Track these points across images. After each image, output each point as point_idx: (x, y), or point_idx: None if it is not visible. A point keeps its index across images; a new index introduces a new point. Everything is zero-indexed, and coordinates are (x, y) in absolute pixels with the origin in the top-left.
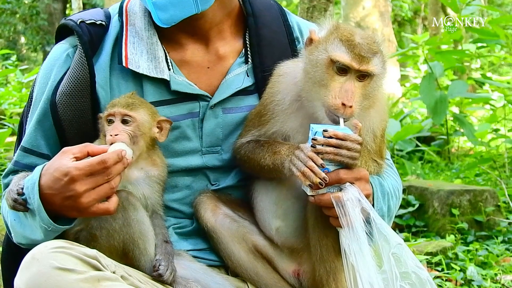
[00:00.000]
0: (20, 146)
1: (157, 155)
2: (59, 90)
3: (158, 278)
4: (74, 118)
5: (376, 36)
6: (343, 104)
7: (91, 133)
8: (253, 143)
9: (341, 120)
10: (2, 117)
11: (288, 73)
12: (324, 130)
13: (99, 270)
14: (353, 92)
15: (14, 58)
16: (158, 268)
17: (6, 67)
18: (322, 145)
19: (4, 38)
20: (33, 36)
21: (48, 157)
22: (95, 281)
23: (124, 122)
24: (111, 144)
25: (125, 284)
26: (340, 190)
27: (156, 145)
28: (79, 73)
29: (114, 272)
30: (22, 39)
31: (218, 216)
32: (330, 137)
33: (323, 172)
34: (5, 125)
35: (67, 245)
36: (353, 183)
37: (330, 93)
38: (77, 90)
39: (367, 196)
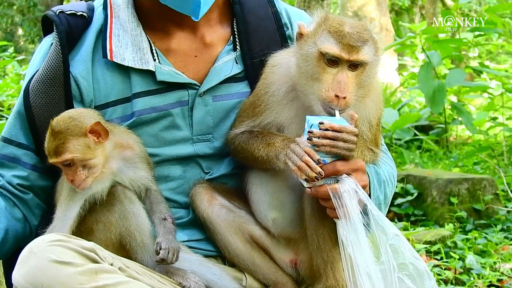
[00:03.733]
0: (0, 136)
1: (121, 137)
2: (33, 77)
3: (162, 263)
4: (45, 105)
5: (367, 24)
6: (337, 96)
7: None
8: (247, 134)
9: (337, 112)
10: (0, 108)
11: (281, 63)
12: (320, 123)
13: (96, 262)
14: (346, 82)
15: (11, 50)
16: (159, 252)
17: (3, 59)
18: (318, 137)
19: (1, 30)
20: (30, 27)
21: (27, 147)
22: (92, 273)
23: (68, 165)
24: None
25: (123, 276)
26: (337, 181)
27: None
28: (53, 61)
29: (111, 264)
30: (20, 31)
31: (214, 207)
32: (326, 130)
33: (318, 164)
34: (3, 116)
35: (64, 238)
36: (350, 174)
37: (323, 86)
38: (49, 77)
39: (364, 187)
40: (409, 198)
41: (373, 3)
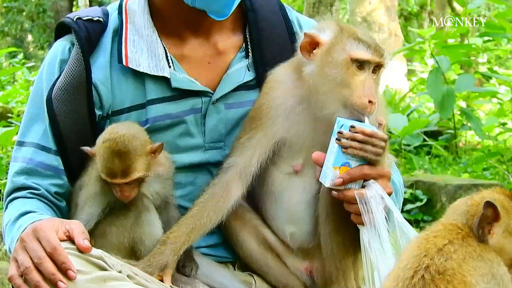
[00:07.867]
0: (31, 142)
1: (161, 154)
2: (55, 85)
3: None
4: (70, 113)
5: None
6: (370, 102)
7: (87, 130)
8: None
9: (366, 118)
10: (10, 115)
11: (284, 80)
12: (351, 126)
13: (104, 270)
14: (374, 87)
15: (21, 56)
16: (184, 271)
17: (13, 65)
18: (347, 139)
19: (11, 36)
20: (40, 34)
21: (56, 153)
22: (101, 281)
23: (128, 183)
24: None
25: (132, 283)
26: (363, 187)
27: None
28: (75, 69)
29: (120, 272)
30: (29, 37)
31: None
32: (356, 133)
33: (344, 166)
34: (12, 123)
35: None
36: (376, 180)
37: (354, 92)
38: (72, 85)
39: (389, 194)
40: (419, 204)
41: (382, 8)
